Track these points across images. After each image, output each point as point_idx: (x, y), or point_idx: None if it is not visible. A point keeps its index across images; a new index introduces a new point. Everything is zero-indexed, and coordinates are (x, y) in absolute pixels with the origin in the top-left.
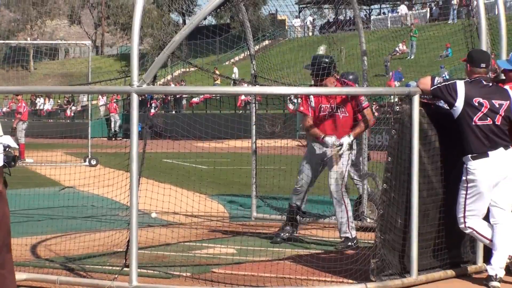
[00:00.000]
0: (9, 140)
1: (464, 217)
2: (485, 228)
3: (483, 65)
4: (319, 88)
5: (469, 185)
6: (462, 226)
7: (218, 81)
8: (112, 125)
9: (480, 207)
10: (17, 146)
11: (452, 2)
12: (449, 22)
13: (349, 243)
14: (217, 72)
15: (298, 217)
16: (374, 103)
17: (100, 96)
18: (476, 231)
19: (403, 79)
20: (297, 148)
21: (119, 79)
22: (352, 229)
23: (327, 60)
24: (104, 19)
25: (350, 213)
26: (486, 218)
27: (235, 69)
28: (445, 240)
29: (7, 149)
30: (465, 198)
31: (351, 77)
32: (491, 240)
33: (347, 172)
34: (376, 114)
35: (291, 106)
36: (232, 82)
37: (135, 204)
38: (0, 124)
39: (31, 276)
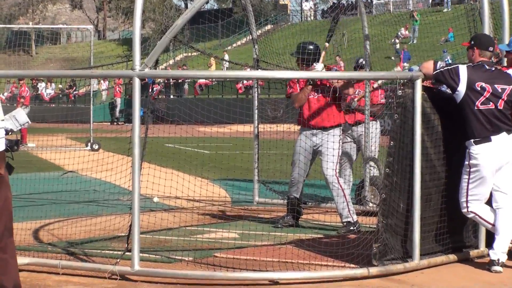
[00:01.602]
0: (10, 124)
1: (467, 201)
2: (488, 213)
3: (491, 48)
4: (321, 73)
5: (471, 169)
6: (464, 210)
7: (213, 66)
8: (117, 109)
9: (483, 191)
10: (27, 121)
11: None
12: (444, 10)
13: (351, 228)
14: (226, 56)
15: (299, 208)
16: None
17: (102, 81)
18: (479, 216)
19: (410, 59)
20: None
21: (121, 63)
22: (353, 213)
23: (311, 47)
24: (105, 4)
25: (349, 198)
26: (489, 202)
27: (226, 56)
28: (448, 225)
29: (9, 133)
30: (468, 183)
31: (361, 60)
32: (493, 225)
33: (339, 157)
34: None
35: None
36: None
37: (137, 189)
38: (2, 109)
39: (33, 260)
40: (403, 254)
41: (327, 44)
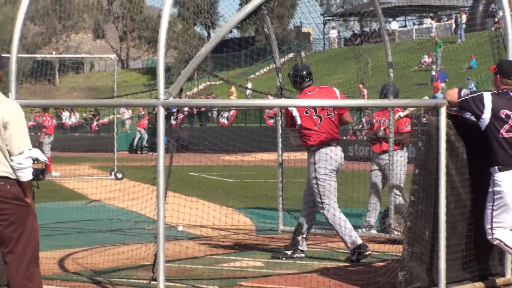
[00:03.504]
0: (38, 153)
1: (492, 228)
2: None
3: None
4: (346, 101)
5: (495, 196)
6: (490, 237)
7: (234, 96)
8: (136, 139)
9: (507, 218)
10: (46, 159)
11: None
12: (457, 42)
13: (358, 251)
14: (249, 85)
15: (299, 237)
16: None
17: (125, 110)
18: (504, 243)
19: (446, 79)
20: None
21: (146, 92)
22: (349, 237)
23: (304, 72)
24: (128, 33)
25: (342, 225)
26: None
27: (249, 84)
28: (473, 252)
29: (35, 162)
30: (492, 210)
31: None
32: None
33: (333, 187)
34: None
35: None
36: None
37: (162, 217)
38: (29, 138)
39: None
40: (428, 282)
41: None
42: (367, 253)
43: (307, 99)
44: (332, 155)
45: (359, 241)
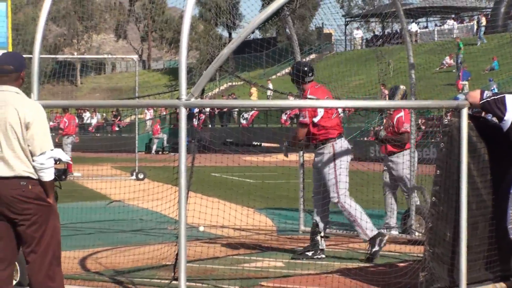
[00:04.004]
0: (60, 154)
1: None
2: None
3: None
4: (367, 102)
5: None
6: (511, 236)
7: (254, 96)
8: (154, 147)
9: None
10: (69, 159)
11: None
12: (477, 44)
13: (376, 244)
14: (270, 85)
15: (318, 237)
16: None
17: (146, 111)
18: None
19: (469, 78)
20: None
21: (167, 93)
22: (368, 229)
23: (306, 68)
24: (150, 34)
25: (358, 215)
26: None
27: (270, 85)
28: (495, 253)
29: (57, 162)
30: None
31: (399, 90)
32: None
33: (347, 178)
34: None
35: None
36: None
37: (184, 218)
38: (51, 138)
39: None
40: (449, 283)
41: None
42: (386, 237)
43: (320, 94)
44: (348, 147)
45: (376, 230)
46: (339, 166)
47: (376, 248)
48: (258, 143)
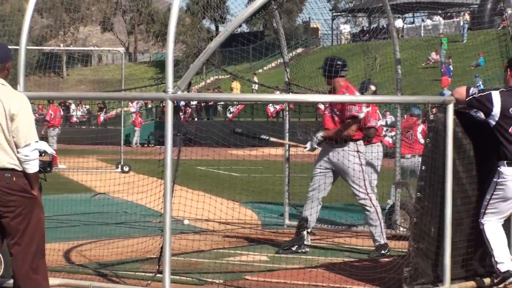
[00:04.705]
0: (45, 146)
1: (484, 213)
2: (494, 234)
3: None
4: (352, 97)
5: (497, 187)
6: (480, 220)
7: (236, 90)
8: (135, 138)
9: (502, 207)
10: (53, 151)
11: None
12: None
13: (382, 251)
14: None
15: (305, 232)
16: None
17: (131, 103)
18: (485, 233)
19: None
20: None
21: (153, 86)
22: (382, 233)
23: (339, 62)
24: (136, 26)
25: (381, 219)
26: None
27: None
28: (479, 249)
29: (43, 154)
30: (491, 197)
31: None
32: (491, 246)
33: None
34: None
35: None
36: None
37: (169, 211)
38: (36, 130)
39: (65, 281)
40: (433, 278)
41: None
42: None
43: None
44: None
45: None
46: (368, 166)
47: (377, 253)
48: (267, 137)
